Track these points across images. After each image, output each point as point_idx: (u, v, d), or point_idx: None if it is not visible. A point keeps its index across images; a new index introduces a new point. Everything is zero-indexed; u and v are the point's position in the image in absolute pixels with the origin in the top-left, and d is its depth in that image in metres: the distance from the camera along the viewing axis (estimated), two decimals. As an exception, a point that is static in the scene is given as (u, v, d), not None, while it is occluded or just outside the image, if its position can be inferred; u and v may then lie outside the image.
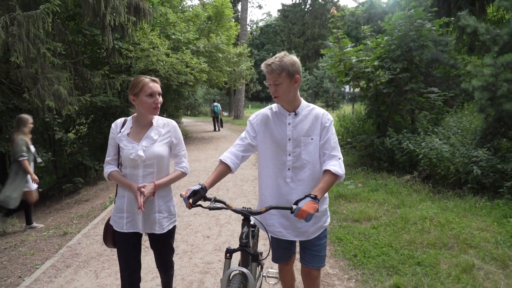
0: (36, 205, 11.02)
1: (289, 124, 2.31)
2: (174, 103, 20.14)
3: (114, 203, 2.58)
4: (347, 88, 19.14)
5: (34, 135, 13.49)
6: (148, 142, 2.46)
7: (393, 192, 6.04)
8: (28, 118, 5.96)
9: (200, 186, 2.14)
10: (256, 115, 2.46)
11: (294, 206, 2.02)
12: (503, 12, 6.15)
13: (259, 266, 2.75)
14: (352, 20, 10.99)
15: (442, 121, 7.96)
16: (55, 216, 7.64)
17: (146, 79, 2.44)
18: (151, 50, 13.07)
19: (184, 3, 19.98)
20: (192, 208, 2.43)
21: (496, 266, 3.54)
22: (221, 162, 2.32)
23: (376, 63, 8.00)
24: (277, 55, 2.25)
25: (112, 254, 4.38)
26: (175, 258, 3.95)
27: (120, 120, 2.59)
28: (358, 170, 7.83)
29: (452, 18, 8.40)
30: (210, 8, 18.34)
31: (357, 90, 9.65)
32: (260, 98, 49.91)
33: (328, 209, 2.45)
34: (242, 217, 2.23)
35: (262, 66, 2.25)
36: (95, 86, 10.59)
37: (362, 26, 9.48)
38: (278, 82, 2.20)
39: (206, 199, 2.16)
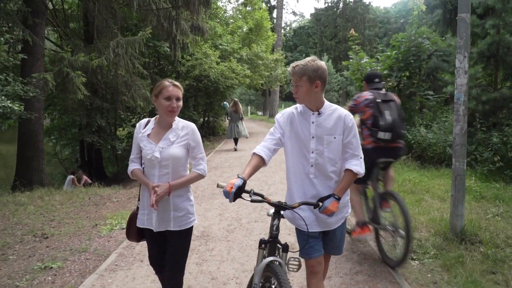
0: (110, 185, 13.86)
1: (312, 122, 2.42)
2: (218, 103, 23.02)
3: (138, 200, 2.73)
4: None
5: (109, 130, 16.60)
6: (165, 144, 2.54)
7: (390, 167, 8.42)
8: None
9: (242, 181, 2.22)
10: (282, 113, 2.57)
11: (321, 203, 2.30)
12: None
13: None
14: (371, 35, 13.23)
15: (437, 117, 10.20)
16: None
17: (167, 82, 2.51)
18: (204, 59, 15.86)
19: (227, 14, 22.86)
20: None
21: (437, 200, 5.93)
22: (255, 155, 2.43)
23: (385, 72, 10.34)
24: (306, 58, 2.39)
25: (202, 194, 7.03)
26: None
27: (144, 121, 2.68)
28: (370, 154, 10.19)
29: (444, 38, 10.60)
30: (251, 21, 21.09)
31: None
32: (293, 98, 52.16)
33: (349, 200, 2.62)
34: (274, 210, 2.39)
35: (289, 67, 2.44)
36: (164, 90, 13.43)
37: (394, 35, 11.76)
38: (299, 84, 2.36)
39: (245, 191, 2.27)
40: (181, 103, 2.56)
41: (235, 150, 13.47)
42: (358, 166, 2.38)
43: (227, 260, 4.10)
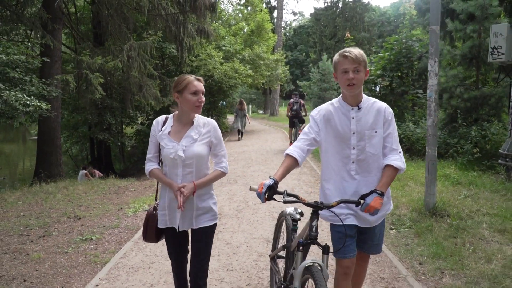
0: (123, 178, 14.60)
1: (352, 118, 2.34)
2: (221, 102, 23.84)
3: (155, 200, 2.69)
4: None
5: (116, 128, 17.38)
6: (188, 142, 2.45)
7: (381, 159, 9.26)
8: None
9: (273, 181, 2.17)
10: (318, 110, 2.48)
11: (362, 201, 2.17)
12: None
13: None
14: (367, 37, 14.05)
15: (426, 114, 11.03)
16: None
17: (191, 77, 2.43)
18: (208, 60, 16.68)
19: (228, 16, 23.68)
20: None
21: (419, 186, 6.75)
22: (288, 156, 2.36)
23: (378, 72, 11.17)
24: (350, 48, 2.32)
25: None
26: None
27: (161, 118, 2.58)
28: (364, 148, 11.05)
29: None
30: (253, 23, 21.94)
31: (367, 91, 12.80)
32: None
33: (391, 196, 2.51)
34: (312, 210, 2.26)
35: (340, 55, 2.29)
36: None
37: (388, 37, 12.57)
38: (360, 69, 2.25)
39: (277, 192, 2.19)
40: (204, 97, 2.49)
41: (239, 139, 16.30)
42: (398, 160, 2.32)
43: (238, 231, 4.95)
